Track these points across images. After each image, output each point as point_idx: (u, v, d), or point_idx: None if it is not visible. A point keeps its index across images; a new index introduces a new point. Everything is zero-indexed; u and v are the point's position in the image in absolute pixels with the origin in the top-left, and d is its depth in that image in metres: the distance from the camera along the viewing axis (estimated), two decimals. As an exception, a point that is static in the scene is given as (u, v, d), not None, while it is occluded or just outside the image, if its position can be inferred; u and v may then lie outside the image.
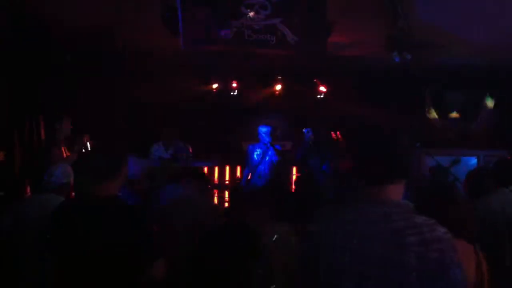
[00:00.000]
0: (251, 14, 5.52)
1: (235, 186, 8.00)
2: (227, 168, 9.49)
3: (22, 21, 5.77)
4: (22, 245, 3.84)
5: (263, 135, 7.47)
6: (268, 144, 7.41)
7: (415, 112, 9.19)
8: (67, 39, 6.42)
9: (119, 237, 2.61)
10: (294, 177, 8.61)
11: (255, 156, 7.48)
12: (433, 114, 9.32)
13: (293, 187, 7.73)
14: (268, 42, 5.68)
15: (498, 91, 8.91)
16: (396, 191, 1.92)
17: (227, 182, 9.20)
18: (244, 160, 7.82)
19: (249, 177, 7.42)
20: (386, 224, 1.80)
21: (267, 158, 7.45)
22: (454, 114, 9.21)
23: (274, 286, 2.95)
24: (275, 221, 3.37)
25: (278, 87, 9.87)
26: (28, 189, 4.29)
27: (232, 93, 9.79)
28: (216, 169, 9.30)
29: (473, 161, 8.42)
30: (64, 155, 6.33)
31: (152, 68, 8.13)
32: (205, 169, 8.37)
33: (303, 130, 7.72)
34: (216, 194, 8.24)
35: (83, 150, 6.35)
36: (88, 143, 6.51)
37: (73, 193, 4.27)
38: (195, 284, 2.98)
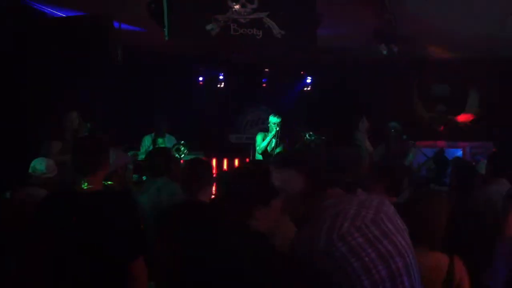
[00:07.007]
0: (237, 7, 5.49)
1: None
2: (225, 160, 9.35)
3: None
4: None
5: (273, 125, 7.35)
6: (278, 134, 7.22)
7: (402, 104, 9.22)
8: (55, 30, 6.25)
9: (101, 228, 2.62)
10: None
11: (264, 144, 7.32)
12: (420, 107, 9.37)
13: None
14: (254, 36, 5.66)
15: (483, 83, 8.97)
16: None
17: None
18: (233, 152, 7.66)
19: None
20: None
21: (277, 148, 7.27)
22: (441, 107, 9.26)
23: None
24: None
25: (265, 79, 9.85)
26: None
27: (218, 85, 9.76)
28: (214, 160, 9.11)
29: (459, 152, 8.50)
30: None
31: (139, 60, 8.03)
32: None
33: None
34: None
35: None
36: None
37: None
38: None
